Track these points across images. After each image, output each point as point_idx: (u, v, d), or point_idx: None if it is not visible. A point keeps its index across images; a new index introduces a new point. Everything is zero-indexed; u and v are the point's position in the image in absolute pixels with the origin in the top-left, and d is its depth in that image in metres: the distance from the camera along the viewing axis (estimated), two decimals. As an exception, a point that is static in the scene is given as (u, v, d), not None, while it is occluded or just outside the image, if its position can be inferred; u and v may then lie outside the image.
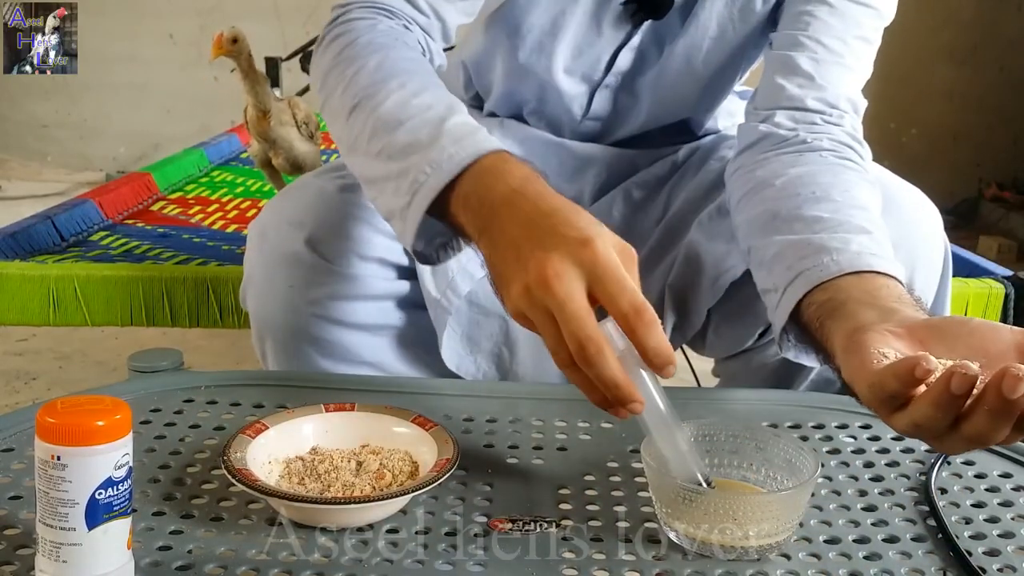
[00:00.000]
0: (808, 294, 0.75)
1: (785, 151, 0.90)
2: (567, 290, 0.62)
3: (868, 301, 0.70)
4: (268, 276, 0.92)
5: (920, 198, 0.96)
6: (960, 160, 4.24)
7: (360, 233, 0.92)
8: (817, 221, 0.80)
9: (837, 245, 0.76)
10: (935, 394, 0.55)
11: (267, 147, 1.56)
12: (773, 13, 0.99)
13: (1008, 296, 1.39)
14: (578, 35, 1.01)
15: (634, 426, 0.74)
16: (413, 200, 0.73)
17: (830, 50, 0.92)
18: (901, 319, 0.66)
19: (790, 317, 0.77)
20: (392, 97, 0.79)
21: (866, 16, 0.94)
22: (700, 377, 1.63)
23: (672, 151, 1.11)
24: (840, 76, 0.93)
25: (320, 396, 0.78)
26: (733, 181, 0.94)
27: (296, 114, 1.56)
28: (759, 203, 0.87)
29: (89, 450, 0.53)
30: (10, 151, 4.38)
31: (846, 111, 0.92)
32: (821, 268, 0.75)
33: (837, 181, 0.85)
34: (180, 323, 1.34)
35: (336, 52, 0.86)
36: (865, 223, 0.80)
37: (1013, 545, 0.65)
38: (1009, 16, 4.15)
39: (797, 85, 0.92)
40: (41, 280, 1.31)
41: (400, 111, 0.78)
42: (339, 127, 0.84)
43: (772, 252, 0.82)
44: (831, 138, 0.90)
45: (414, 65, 0.84)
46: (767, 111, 0.94)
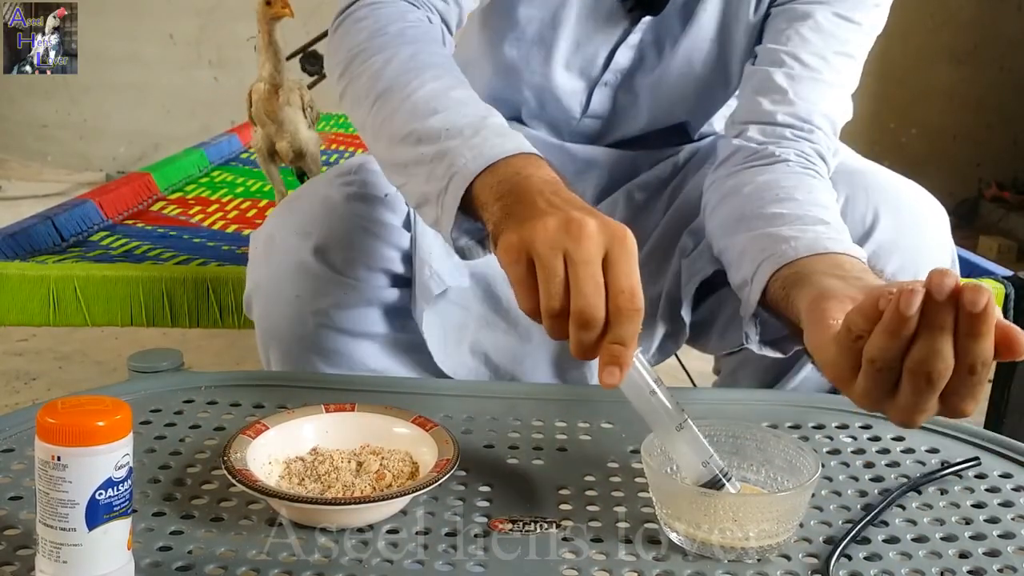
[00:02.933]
0: (774, 274, 0.78)
1: (754, 163, 0.93)
2: (596, 249, 0.62)
3: (833, 272, 0.72)
4: (275, 285, 0.92)
5: (926, 198, 0.96)
6: (960, 160, 4.24)
7: (367, 243, 0.92)
8: (777, 217, 0.83)
9: (794, 234, 0.79)
10: (887, 320, 0.56)
11: (272, 130, 1.55)
12: (761, 25, 1.00)
13: (1008, 296, 1.38)
14: (576, 29, 1.01)
15: (634, 426, 0.74)
16: (449, 184, 0.73)
17: (807, 66, 0.94)
18: (863, 285, 0.67)
19: (763, 308, 0.79)
20: (428, 87, 0.80)
21: (849, 32, 0.95)
22: (697, 379, 1.64)
23: (673, 152, 1.11)
24: (815, 92, 0.94)
25: (320, 396, 0.78)
26: (708, 194, 0.96)
27: (303, 96, 1.56)
28: (727, 209, 0.90)
29: (89, 450, 0.53)
30: (10, 151, 4.38)
31: (819, 126, 0.93)
32: (780, 255, 0.78)
33: (801, 184, 0.88)
34: (180, 323, 1.34)
35: (363, 38, 0.86)
36: (824, 216, 0.83)
37: (1013, 545, 0.65)
38: (1009, 16, 4.15)
39: (771, 101, 0.94)
40: (41, 280, 1.31)
41: (436, 101, 0.78)
42: (363, 112, 0.84)
43: (738, 250, 0.85)
44: (798, 152, 0.92)
45: (447, 62, 0.85)
46: (743, 125, 0.96)
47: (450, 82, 0.81)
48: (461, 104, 0.78)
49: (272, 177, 1.65)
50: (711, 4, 1.00)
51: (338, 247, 0.91)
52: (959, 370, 0.56)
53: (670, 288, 1.02)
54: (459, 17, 0.95)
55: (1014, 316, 1.39)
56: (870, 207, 0.92)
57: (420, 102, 0.79)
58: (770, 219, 0.83)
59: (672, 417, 0.65)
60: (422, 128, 0.77)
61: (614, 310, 0.62)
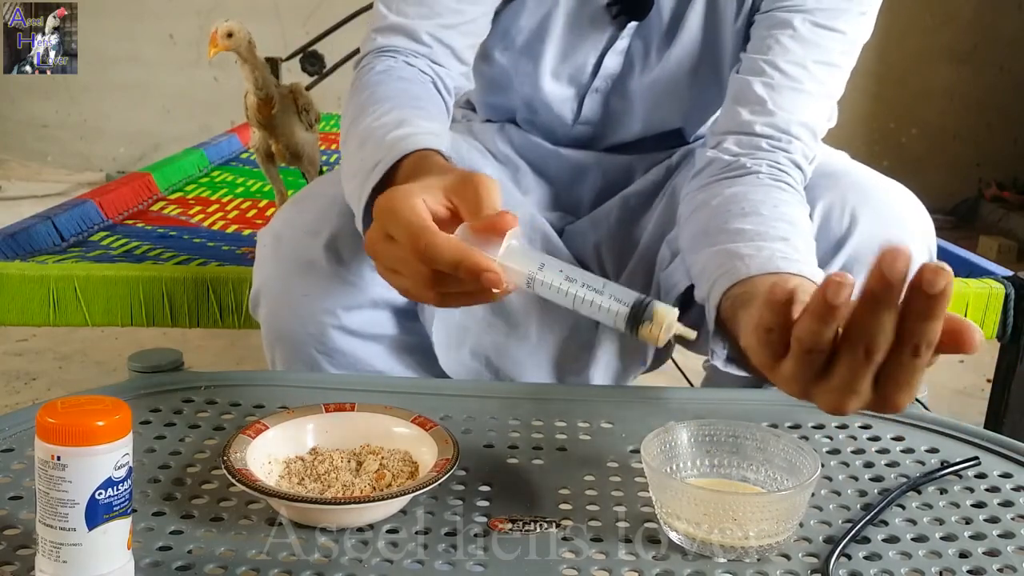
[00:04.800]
0: (726, 292, 0.77)
1: (726, 176, 0.92)
2: (371, 244, 0.69)
3: None
4: (283, 284, 0.92)
5: (908, 197, 0.96)
6: (960, 160, 4.24)
7: None
8: (739, 233, 0.82)
9: (750, 252, 0.78)
10: (814, 305, 0.54)
11: (267, 135, 1.56)
12: (747, 31, 1.00)
13: (1008, 296, 1.38)
14: (564, 37, 1.02)
15: (634, 426, 0.74)
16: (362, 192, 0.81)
17: (787, 75, 0.93)
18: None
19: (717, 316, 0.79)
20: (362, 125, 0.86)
21: (832, 40, 0.94)
22: (694, 379, 1.63)
23: (666, 155, 1.11)
24: (794, 101, 0.93)
25: (320, 396, 0.78)
26: (681, 206, 0.96)
27: (298, 100, 1.56)
28: (694, 224, 0.90)
29: (89, 450, 0.53)
30: (10, 151, 4.38)
31: (797, 136, 0.93)
32: (733, 272, 0.77)
33: (768, 198, 0.87)
34: (180, 323, 1.34)
35: (354, 106, 0.92)
36: (785, 233, 0.81)
37: (1013, 545, 0.65)
38: (1009, 16, 4.15)
39: (750, 111, 0.93)
40: (41, 280, 1.31)
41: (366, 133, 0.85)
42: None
43: (700, 266, 0.85)
44: (771, 163, 0.92)
45: (395, 92, 0.90)
46: (721, 135, 0.95)
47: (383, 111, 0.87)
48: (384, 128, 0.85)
49: (271, 177, 1.65)
50: (697, 10, 1.00)
51: (347, 247, 0.91)
52: (900, 350, 0.53)
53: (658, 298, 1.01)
54: (454, 53, 0.97)
55: (1014, 316, 1.39)
56: (848, 208, 0.91)
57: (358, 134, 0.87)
58: (732, 234, 0.83)
59: (562, 304, 0.66)
60: (357, 160, 0.85)
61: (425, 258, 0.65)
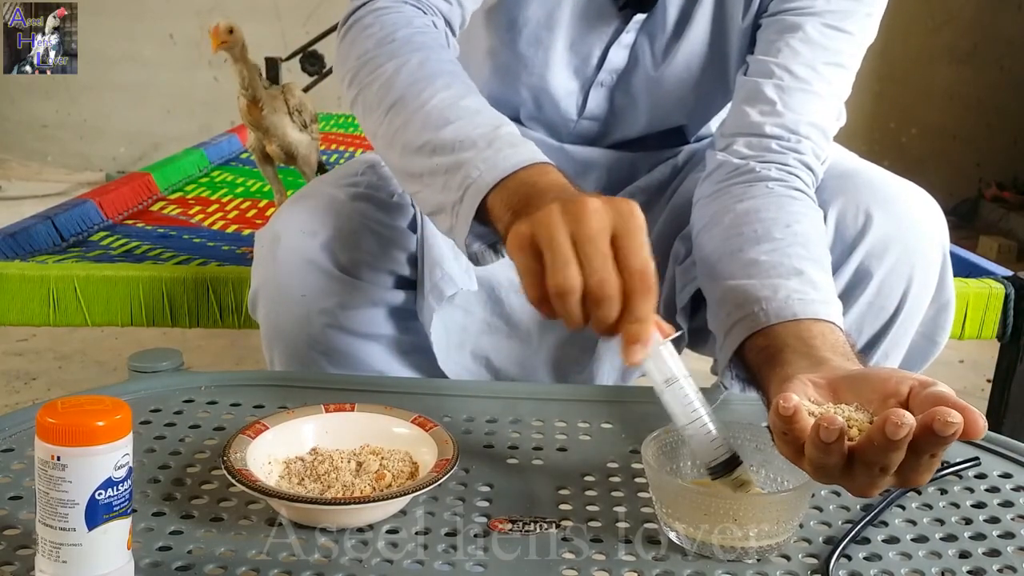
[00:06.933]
0: (749, 339, 0.78)
1: (735, 182, 0.92)
2: (599, 224, 0.63)
3: (803, 350, 0.72)
4: (281, 285, 0.92)
5: (922, 197, 0.96)
6: (960, 160, 4.24)
7: (373, 244, 0.92)
8: (753, 265, 0.82)
9: (767, 294, 0.78)
10: (812, 438, 0.57)
11: (260, 135, 1.57)
12: (753, 31, 1.00)
13: (1008, 296, 1.38)
14: (571, 29, 1.01)
15: (634, 426, 0.73)
16: (465, 195, 0.75)
17: (797, 77, 0.93)
18: (828, 370, 0.67)
19: (738, 355, 0.79)
20: (439, 96, 0.81)
21: (840, 42, 0.94)
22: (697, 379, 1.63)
23: (672, 154, 1.11)
24: (805, 102, 0.93)
25: (320, 396, 0.78)
26: (695, 211, 0.96)
27: (289, 100, 1.56)
28: (709, 242, 0.90)
29: (89, 450, 0.53)
30: (10, 151, 4.38)
31: (807, 136, 0.93)
32: (752, 318, 0.78)
33: (780, 215, 0.86)
34: (180, 323, 1.34)
35: (371, 46, 0.87)
36: (800, 263, 0.81)
37: (1013, 545, 0.65)
38: (1009, 16, 4.15)
39: (759, 112, 0.94)
40: (41, 280, 1.31)
41: (449, 111, 0.80)
42: (374, 121, 0.84)
43: (716, 297, 0.85)
44: (781, 167, 0.91)
45: (456, 68, 0.86)
46: (730, 137, 0.95)
47: (461, 90, 0.82)
48: (474, 113, 0.79)
49: (269, 178, 1.66)
50: (705, 9, 1.00)
51: (345, 247, 0.91)
52: (917, 457, 0.56)
53: (667, 294, 1.01)
54: (462, 18, 0.95)
55: (1014, 316, 1.39)
56: (862, 208, 0.91)
57: (433, 112, 0.80)
58: (747, 266, 0.83)
59: (681, 417, 0.65)
60: (436, 139, 0.78)
61: (627, 291, 0.62)
